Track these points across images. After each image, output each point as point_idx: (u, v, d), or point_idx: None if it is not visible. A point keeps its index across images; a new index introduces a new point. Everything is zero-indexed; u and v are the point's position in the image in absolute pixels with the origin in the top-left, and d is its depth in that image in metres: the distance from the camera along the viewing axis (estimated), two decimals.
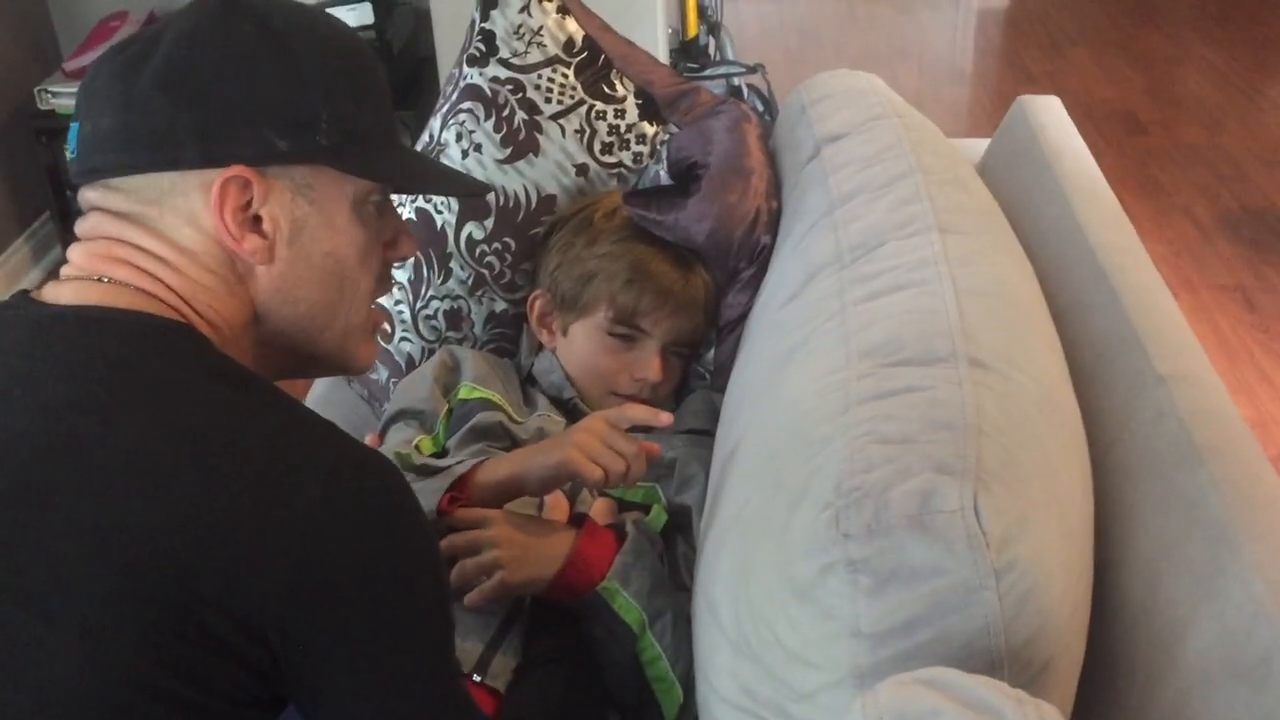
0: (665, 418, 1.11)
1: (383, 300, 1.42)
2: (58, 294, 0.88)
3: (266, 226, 0.89)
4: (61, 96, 2.85)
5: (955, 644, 0.76)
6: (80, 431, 0.78)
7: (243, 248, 0.89)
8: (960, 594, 0.76)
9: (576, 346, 1.40)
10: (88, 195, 0.90)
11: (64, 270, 0.90)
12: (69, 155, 0.90)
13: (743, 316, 1.38)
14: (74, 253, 0.90)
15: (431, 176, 1.07)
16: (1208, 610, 0.82)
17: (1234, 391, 2.47)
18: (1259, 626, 0.77)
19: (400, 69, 2.99)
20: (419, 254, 1.48)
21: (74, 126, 0.89)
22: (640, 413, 1.16)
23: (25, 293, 0.90)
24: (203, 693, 0.75)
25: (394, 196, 1.03)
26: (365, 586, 0.79)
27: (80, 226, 0.91)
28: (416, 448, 1.32)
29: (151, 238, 0.88)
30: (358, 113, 0.92)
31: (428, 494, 1.15)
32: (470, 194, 1.35)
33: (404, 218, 1.44)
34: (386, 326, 1.51)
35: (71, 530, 0.75)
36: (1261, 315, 2.76)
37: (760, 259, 1.38)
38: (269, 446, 0.80)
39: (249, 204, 0.88)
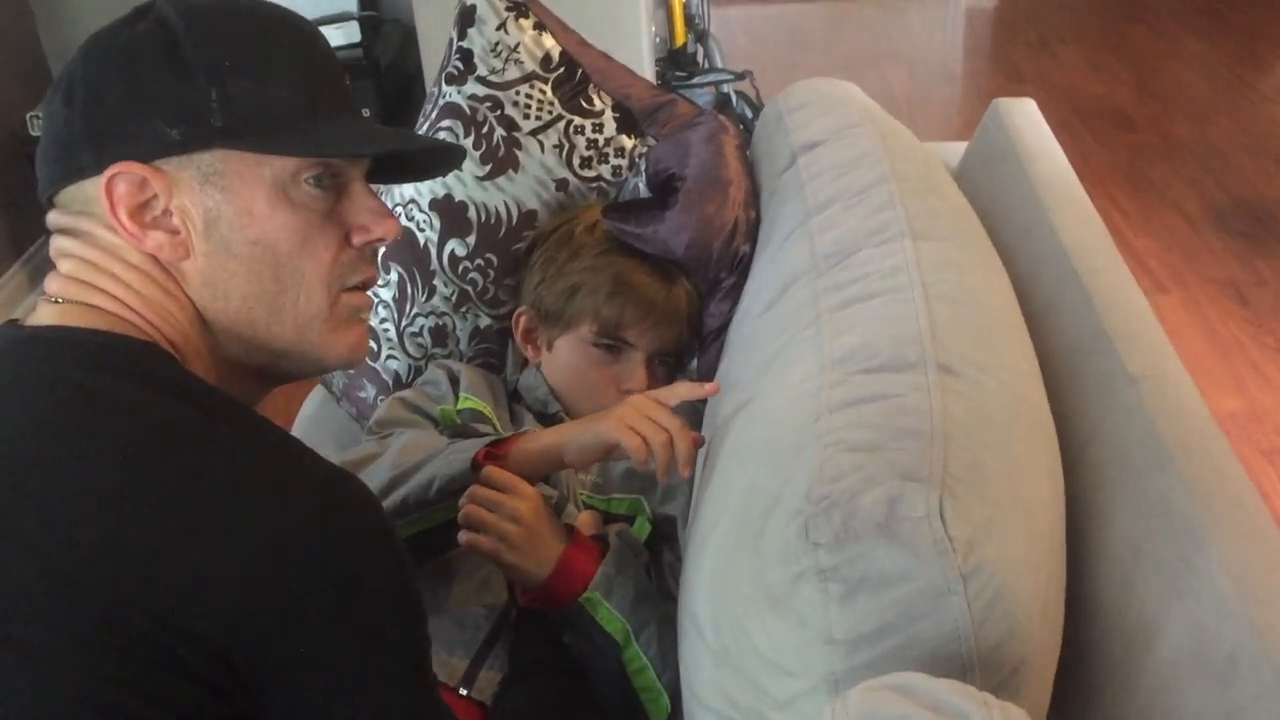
0: (711, 387, 1.09)
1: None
2: (34, 318, 0.89)
3: (176, 221, 0.88)
4: None
5: (926, 649, 0.77)
6: (40, 455, 0.78)
7: (145, 246, 0.88)
8: (929, 599, 0.77)
9: (562, 360, 1.41)
10: (47, 218, 0.92)
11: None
12: None
13: (725, 325, 1.39)
14: (49, 278, 0.92)
15: (362, 140, 0.95)
16: (1177, 608, 0.82)
17: (1225, 385, 2.48)
18: (1226, 624, 0.78)
19: (388, 86, 3.01)
20: (403, 272, 1.49)
21: None
22: (686, 388, 1.14)
23: (13, 321, 0.91)
24: (166, 714, 0.75)
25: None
26: (327, 607, 0.78)
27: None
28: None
29: (89, 248, 0.89)
30: (260, 89, 0.88)
31: (467, 450, 1.17)
32: (404, 145, 1.05)
33: None
34: (373, 344, 1.52)
35: (28, 554, 0.75)
36: (1253, 308, 2.76)
37: (740, 268, 1.39)
38: (227, 466, 0.80)
39: (153, 200, 0.87)
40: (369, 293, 0.98)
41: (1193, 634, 0.80)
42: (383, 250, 1.38)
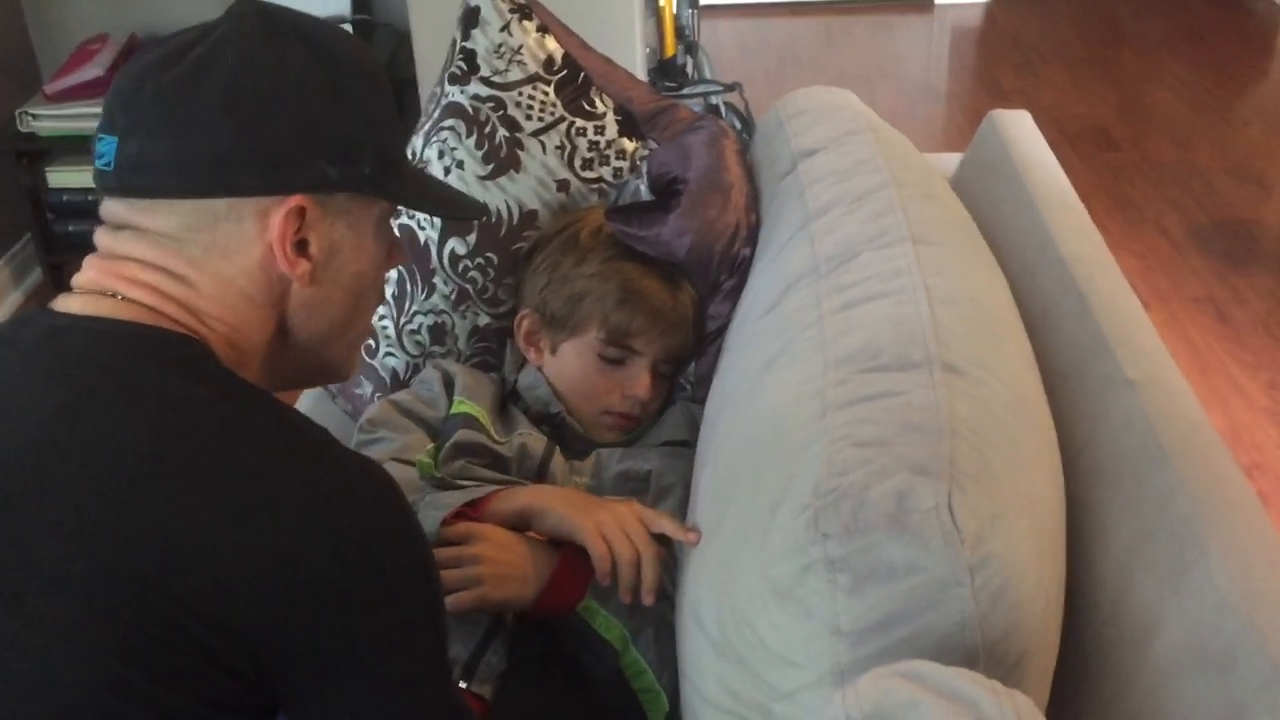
0: (693, 536, 1.06)
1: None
2: (68, 305, 0.89)
3: (313, 250, 0.91)
4: (42, 119, 2.86)
5: (932, 639, 0.78)
6: (69, 439, 0.79)
7: (296, 273, 0.91)
8: (936, 590, 0.78)
9: (567, 365, 1.41)
10: (120, 211, 0.89)
11: (77, 281, 0.90)
12: (101, 168, 0.89)
13: (724, 328, 1.40)
14: (91, 267, 0.90)
15: (445, 199, 1.08)
16: (1175, 605, 0.84)
17: (1207, 402, 2.51)
18: (1224, 619, 0.79)
19: None
20: (403, 270, 1.50)
21: (109, 140, 0.88)
22: (671, 526, 1.11)
23: (47, 308, 0.90)
24: (186, 698, 0.75)
25: None
26: (351, 595, 0.79)
27: (104, 240, 0.90)
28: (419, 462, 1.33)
29: (184, 263, 0.88)
30: (392, 140, 0.95)
31: (439, 506, 1.17)
32: (471, 216, 1.36)
33: None
34: (371, 341, 1.52)
35: (56, 535, 0.76)
36: (1233, 326, 2.80)
37: (741, 271, 1.40)
38: (253, 452, 0.80)
39: (301, 229, 0.90)
40: None
41: (1191, 630, 0.82)
42: None
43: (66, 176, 2.93)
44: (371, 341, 1.52)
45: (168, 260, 0.88)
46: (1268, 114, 4.01)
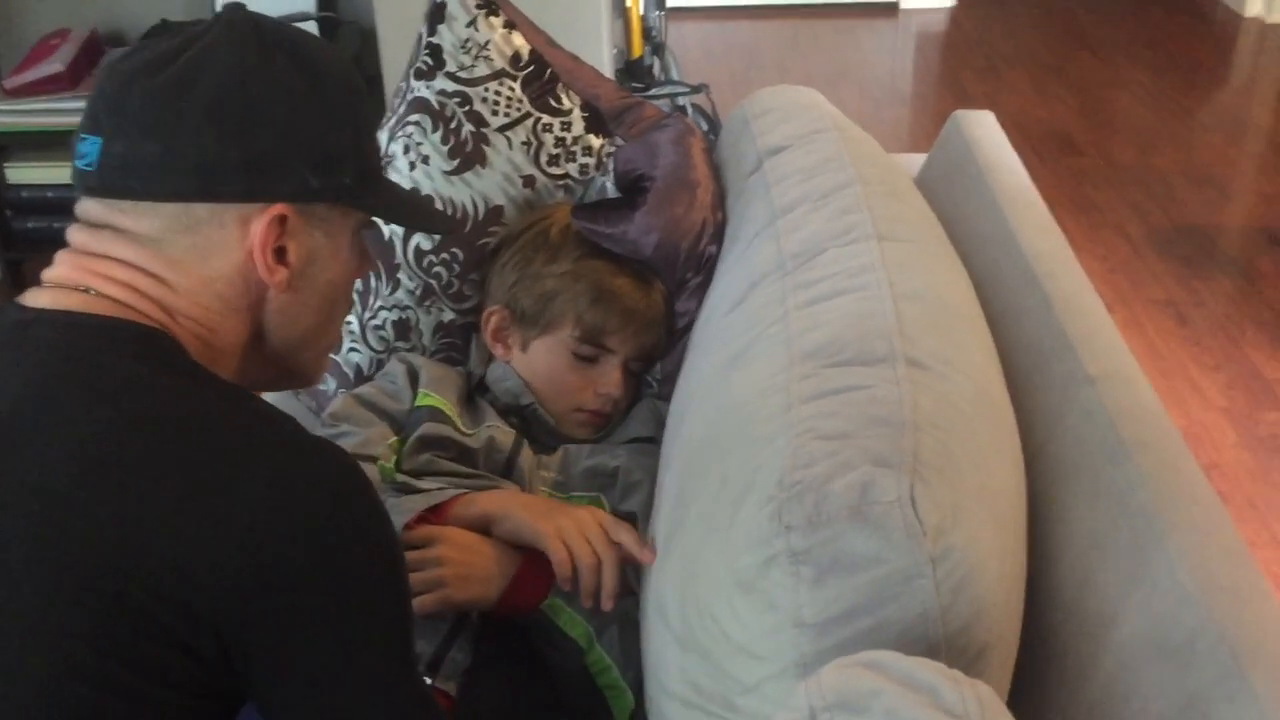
0: (648, 556, 1.06)
1: None
2: (37, 299, 0.88)
3: (291, 258, 0.92)
4: (2, 114, 2.83)
5: (894, 631, 0.79)
6: (33, 427, 0.79)
7: (274, 280, 0.91)
8: (898, 582, 0.79)
9: (539, 362, 1.40)
10: (99, 212, 0.89)
11: (46, 275, 0.90)
12: (83, 168, 0.89)
13: (691, 324, 1.41)
14: (63, 263, 0.90)
15: (421, 212, 1.12)
16: (1136, 597, 0.85)
17: (1166, 402, 2.51)
18: (1183, 611, 0.80)
19: None
20: None
21: (93, 141, 0.88)
22: (630, 539, 1.11)
23: (14, 302, 0.90)
24: (153, 683, 0.75)
25: None
26: (316, 580, 0.79)
27: (79, 238, 0.90)
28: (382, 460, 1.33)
29: (163, 264, 0.89)
30: (371, 150, 0.97)
31: (401, 511, 1.17)
32: (446, 231, 1.42)
33: None
34: None
35: (19, 523, 0.76)
36: (1192, 328, 2.83)
37: (707, 268, 1.41)
38: (221, 438, 0.81)
39: (281, 237, 0.91)
40: None
41: (1151, 621, 0.83)
42: None
43: (26, 173, 2.89)
44: None
45: (146, 261, 0.88)
46: (1227, 120, 4.06)
